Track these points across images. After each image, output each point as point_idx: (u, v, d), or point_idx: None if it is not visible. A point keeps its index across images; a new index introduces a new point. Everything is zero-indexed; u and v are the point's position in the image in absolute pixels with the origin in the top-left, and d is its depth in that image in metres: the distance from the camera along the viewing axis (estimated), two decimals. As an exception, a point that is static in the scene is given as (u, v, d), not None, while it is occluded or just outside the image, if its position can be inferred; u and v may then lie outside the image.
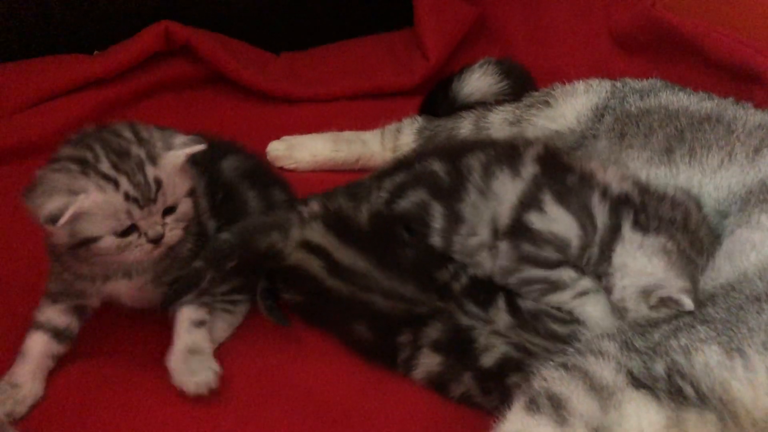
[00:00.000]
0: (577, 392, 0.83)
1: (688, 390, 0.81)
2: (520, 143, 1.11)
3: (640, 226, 0.98)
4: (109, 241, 0.91)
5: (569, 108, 1.33)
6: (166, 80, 1.69)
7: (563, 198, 1.00)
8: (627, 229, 0.98)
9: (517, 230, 1.01)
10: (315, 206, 1.13)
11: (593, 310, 0.98)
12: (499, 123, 1.38)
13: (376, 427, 0.99)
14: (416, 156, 1.20)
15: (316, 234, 1.08)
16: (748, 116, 1.17)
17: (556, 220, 1.00)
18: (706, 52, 1.48)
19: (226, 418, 0.99)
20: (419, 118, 1.52)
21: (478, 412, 0.98)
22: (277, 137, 1.58)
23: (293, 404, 1.02)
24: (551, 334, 0.97)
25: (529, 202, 1.01)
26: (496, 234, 1.03)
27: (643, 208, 1.00)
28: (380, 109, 1.68)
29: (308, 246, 1.07)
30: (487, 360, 0.97)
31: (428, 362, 1.00)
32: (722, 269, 0.95)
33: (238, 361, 1.07)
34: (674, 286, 0.92)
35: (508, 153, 1.08)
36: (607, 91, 1.34)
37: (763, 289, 0.87)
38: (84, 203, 0.87)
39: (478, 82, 1.45)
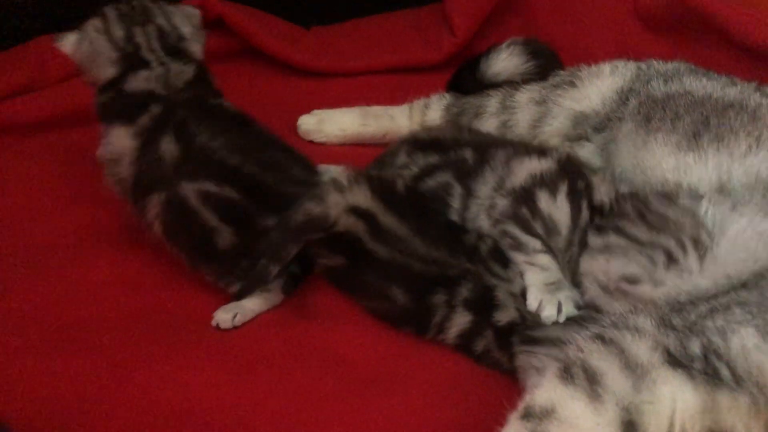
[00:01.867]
0: (613, 369, 0.81)
1: (724, 371, 0.79)
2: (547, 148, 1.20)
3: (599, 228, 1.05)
4: None
5: (594, 89, 1.32)
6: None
7: (572, 197, 1.06)
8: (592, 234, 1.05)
9: (525, 197, 1.08)
10: (353, 172, 1.13)
11: (533, 281, 1.04)
12: (525, 102, 1.37)
13: (402, 387, 1.00)
14: (453, 141, 1.24)
15: (362, 198, 1.09)
16: (764, 100, 1.16)
17: (560, 210, 1.06)
18: (730, 31, 1.47)
19: (261, 382, 1.00)
20: (447, 95, 1.51)
21: (498, 374, 1.01)
22: (308, 111, 1.58)
23: (323, 368, 1.03)
24: None
25: (548, 183, 1.08)
26: (497, 189, 1.12)
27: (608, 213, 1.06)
28: (408, 84, 1.67)
29: (356, 211, 1.08)
30: (502, 317, 1.01)
31: (461, 321, 1.03)
32: (753, 256, 0.94)
33: (271, 330, 1.08)
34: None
35: (535, 147, 1.17)
36: (632, 74, 1.32)
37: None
38: None
39: (506, 62, 1.44)
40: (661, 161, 1.12)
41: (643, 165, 1.14)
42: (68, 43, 1.18)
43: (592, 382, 0.81)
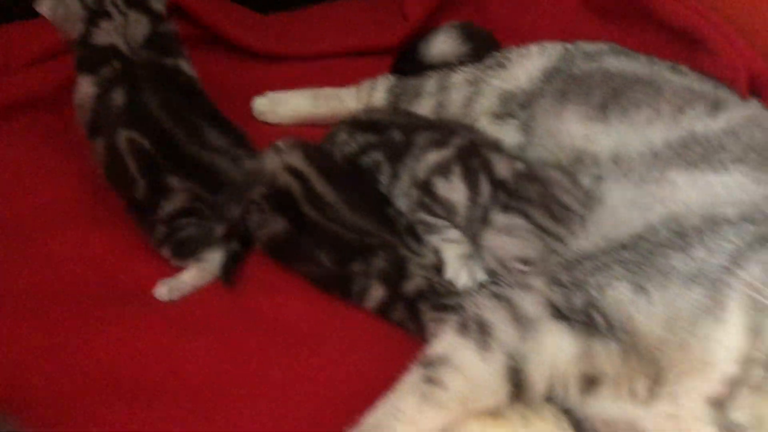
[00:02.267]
0: (503, 321, 0.90)
1: (600, 321, 0.88)
2: (457, 129, 1.29)
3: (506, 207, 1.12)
4: None
5: (522, 69, 1.39)
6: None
7: (468, 177, 1.16)
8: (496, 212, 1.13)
9: (425, 188, 1.18)
10: (291, 141, 1.23)
11: (449, 255, 1.13)
12: (459, 82, 1.44)
13: (330, 347, 1.09)
14: (388, 123, 1.33)
15: (297, 160, 1.18)
16: (679, 79, 1.24)
17: (457, 192, 1.15)
18: (658, 15, 1.53)
19: (201, 346, 1.08)
20: (391, 77, 1.58)
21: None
22: (263, 93, 1.66)
23: (259, 332, 1.11)
24: None
25: (442, 169, 1.17)
26: (412, 184, 1.21)
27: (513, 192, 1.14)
28: (362, 67, 1.72)
29: (293, 171, 1.17)
30: (410, 287, 1.09)
31: (376, 294, 1.11)
32: (634, 220, 1.02)
33: (213, 298, 1.16)
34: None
35: (445, 135, 1.25)
36: (558, 54, 1.40)
37: (665, 236, 0.95)
38: None
39: (443, 45, 1.51)
40: (571, 130, 1.20)
41: (555, 135, 1.22)
42: (45, 6, 1.28)
43: (483, 334, 0.90)
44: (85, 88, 1.25)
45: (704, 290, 0.85)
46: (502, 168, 1.17)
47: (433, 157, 1.21)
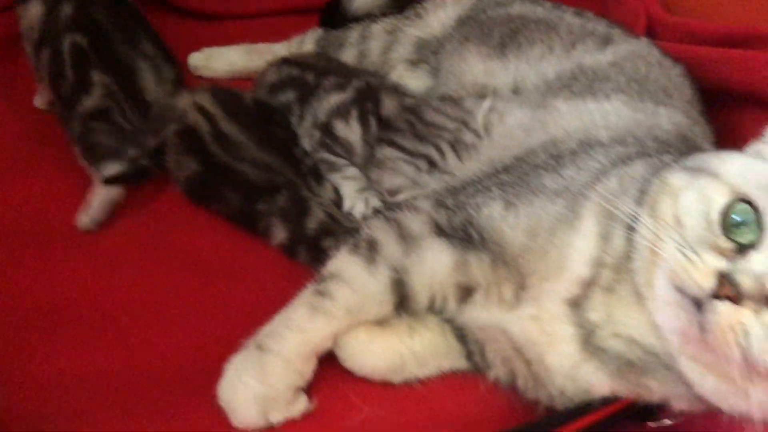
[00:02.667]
0: (389, 239, 0.97)
1: (475, 236, 0.95)
2: (360, 73, 1.36)
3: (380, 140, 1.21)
4: None
5: (436, 19, 1.46)
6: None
7: (362, 118, 1.24)
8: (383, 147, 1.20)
9: (326, 129, 1.25)
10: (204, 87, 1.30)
11: (346, 190, 1.21)
12: (378, 32, 1.50)
13: (248, 281, 1.15)
14: (308, 65, 1.40)
15: (206, 101, 1.24)
16: (576, 20, 1.30)
17: (353, 132, 1.23)
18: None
19: (124, 279, 1.15)
20: (319, 30, 1.63)
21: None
22: (199, 49, 1.71)
23: (179, 266, 1.17)
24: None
25: (342, 112, 1.25)
26: (314, 124, 1.28)
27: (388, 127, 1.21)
28: (294, 24, 1.77)
29: (200, 109, 1.22)
30: (311, 223, 1.15)
31: (279, 233, 1.16)
32: (520, 144, 1.09)
33: (135, 234, 1.23)
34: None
35: (347, 78, 1.31)
36: (472, 3, 1.46)
37: (542, 159, 1.02)
38: None
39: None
40: (473, 68, 1.27)
41: (459, 75, 1.29)
42: None
43: (371, 251, 0.97)
44: (34, 10, 1.33)
45: (565, 203, 0.92)
46: (389, 106, 1.24)
47: (334, 99, 1.28)
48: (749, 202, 0.78)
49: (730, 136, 1.18)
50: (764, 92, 1.16)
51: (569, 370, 0.90)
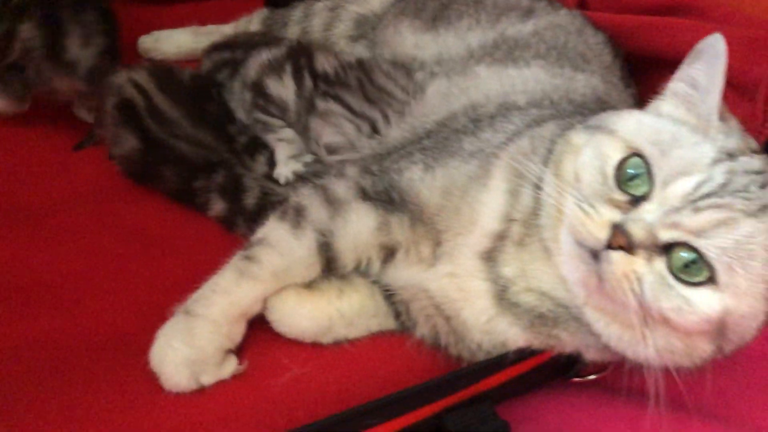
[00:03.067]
0: (315, 204, 1.00)
1: (396, 198, 0.99)
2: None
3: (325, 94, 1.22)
4: None
5: None
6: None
7: (296, 74, 1.24)
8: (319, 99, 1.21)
9: (257, 88, 1.26)
10: (142, 64, 1.32)
11: (280, 153, 1.22)
12: (320, 10, 1.53)
13: (188, 252, 1.18)
14: (239, 43, 1.43)
15: (142, 77, 1.26)
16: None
17: (287, 89, 1.24)
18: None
19: (69, 250, 1.18)
20: (265, 10, 1.66)
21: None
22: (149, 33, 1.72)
23: (122, 238, 1.21)
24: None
25: (275, 68, 1.26)
26: (243, 86, 1.29)
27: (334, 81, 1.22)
28: (243, 7, 1.81)
29: (135, 84, 1.24)
30: (249, 199, 1.17)
31: (217, 207, 1.19)
32: (441, 110, 1.12)
33: (80, 207, 1.25)
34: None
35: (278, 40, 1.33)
36: None
37: (463, 123, 1.06)
38: None
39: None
40: (405, 41, 1.30)
41: (393, 46, 1.33)
42: None
43: (298, 216, 1.00)
44: None
45: (479, 163, 0.95)
46: (324, 62, 1.25)
47: (265, 55, 1.28)
48: (642, 156, 0.81)
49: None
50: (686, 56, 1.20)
51: (485, 324, 0.94)
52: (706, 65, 0.84)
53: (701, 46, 0.85)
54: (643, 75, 1.27)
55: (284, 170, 1.19)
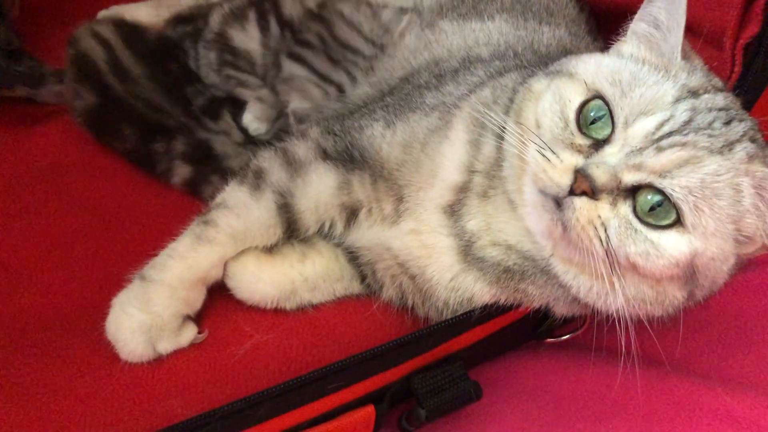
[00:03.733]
0: (275, 166, 0.97)
1: (357, 156, 0.96)
2: None
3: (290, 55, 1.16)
4: None
5: None
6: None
7: (261, 21, 1.19)
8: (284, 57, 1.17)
9: (221, 42, 1.20)
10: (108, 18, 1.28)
11: (250, 106, 1.18)
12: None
13: (146, 224, 1.15)
14: (191, 18, 1.38)
15: (106, 30, 1.21)
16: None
17: (252, 39, 1.18)
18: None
19: (22, 227, 1.14)
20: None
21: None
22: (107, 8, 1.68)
23: (80, 212, 1.17)
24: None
25: (238, 16, 1.19)
26: (206, 46, 1.24)
27: (297, 33, 1.17)
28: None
29: (97, 36, 1.19)
30: (233, 164, 1.13)
31: (181, 172, 1.15)
32: (406, 65, 1.10)
33: (36, 183, 1.21)
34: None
35: None
36: None
37: (425, 78, 1.03)
38: None
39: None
40: None
41: None
42: None
43: (257, 178, 0.97)
44: None
45: (440, 115, 0.93)
46: (290, 6, 1.20)
47: (227, 5, 1.23)
48: (603, 98, 0.79)
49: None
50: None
51: (450, 281, 0.91)
52: (667, 2, 0.81)
53: None
54: (611, 26, 1.24)
55: (256, 123, 1.15)
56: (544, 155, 0.78)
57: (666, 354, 0.98)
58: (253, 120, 1.15)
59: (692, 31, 1.09)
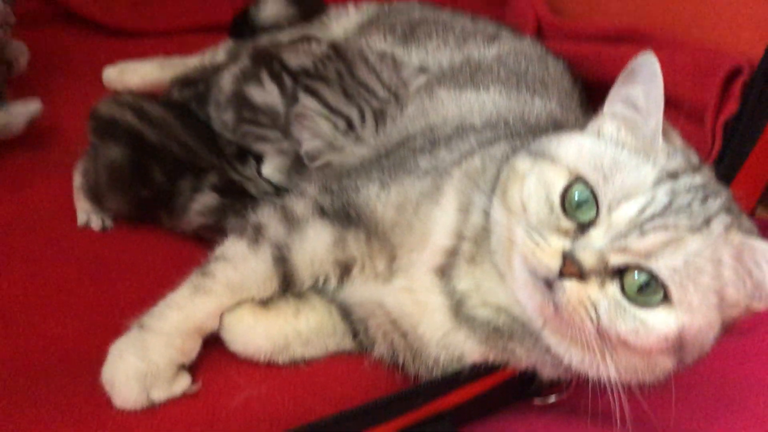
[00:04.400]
0: (273, 221, 1.01)
1: (353, 215, 1.00)
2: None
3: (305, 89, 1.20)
4: None
5: (339, 26, 1.54)
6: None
7: (275, 77, 1.23)
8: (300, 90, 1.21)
9: (239, 100, 1.25)
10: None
11: (274, 162, 1.22)
12: (286, 40, 1.56)
13: (139, 273, 1.19)
14: (197, 78, 1.44)
15: (126, 97, 1.27)
16: (470, 23, 1.39)
17: (270, 94, 1.22)
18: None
19: (17, 279, 1.15)
20: (230, 41, 1.68)
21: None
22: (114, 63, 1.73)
23: (76, 263, 1.20)
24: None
25: (250, 76, 1.24)
26: (218, 108, 1.29)
27: (314, 74, 1.21)
28: (214, 41, 1.84)
29: (119, 102, 1.24)
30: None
31: (206, 200, 1.17)
32: (402, 131, 1.15)
33: (31, 232, 1.24)
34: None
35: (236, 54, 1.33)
36: (373, 11, 1.54)
37: (420, 143, 1.07)
38: None
39: (271, 8, 1.62)
40: (378, 45, 1.34)
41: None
42: None
43: (256, 233, 1.00)
44: None
45: (433, 180, 0.97)
46: (294, 58, 1.24)
47: (233, 69, 1.29)
48: (586, 182, 0.83)
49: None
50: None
51: (441, 338, 0.94)
52: (644, 86, 0.84)
53: (634, 65, 0.85)
54: (600, 101, 1.30)
55: (275, 175, 1.20)
56: (532, 238, 0.81)
57: (658, 417, 1.00)
58: (273, 171, 1.20)
59: (674, 105, 1.15)
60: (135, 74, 1.70)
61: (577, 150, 0.86)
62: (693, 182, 0.82)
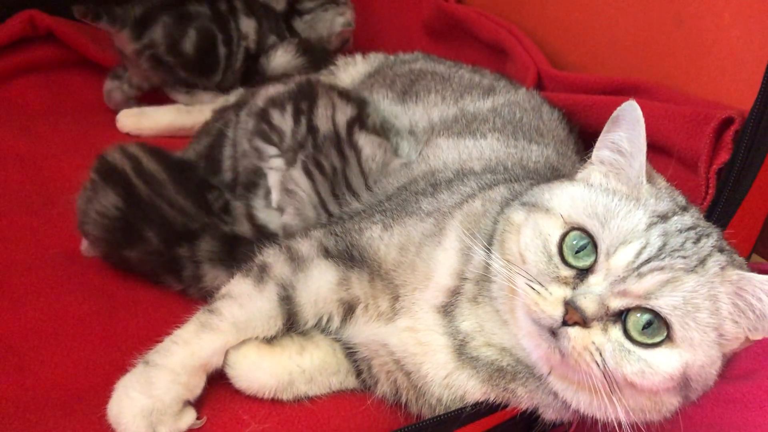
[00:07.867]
0: (279, 261, 1.02)
1: (356, 256, 1.00)
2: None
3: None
4: None
5: (347, 75, 1.57)
6: (33, 62, 1.81)
7: (296, 115, 1.29)
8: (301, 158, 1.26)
9: (262, 115, 1.31)
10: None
11: (273, 180, 1.26)
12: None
13: (148, 313, 1.20)
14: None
15: (133, 148, 1.28)
16: (469, 75, 1.41)
17: (285, 123, 1.28)
18: (476, 33, 1.72)
19: (30, 316, 1.16)
20: (241, 89, 1.72)
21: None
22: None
23: (86, 300, 1.20)
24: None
25: (279, 103, 1.31)
26: (248, 113, 1.34)
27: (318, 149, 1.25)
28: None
29: (124, 151, 1.26)
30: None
31: (212, 276, 1.16)
32: (402, 177, 1.16)
33: (44, 270, 1.25)
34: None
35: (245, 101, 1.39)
36: (380, 61, 1.57)
37: (422, 186, 1.09)
38: None
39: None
40: (381, 104, 1.36)
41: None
42: None
43: (261, 272, 1.01)
44: None
45: (434, 221, 0.98)
46: (322, 119, 1.27)
47: (272, 90, 1.35)
48: (585, 230, 0.84)
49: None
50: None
51: (444, 378, 0.93)
52: (628, 131, 0.86)
53: (619, 112, 0.88)
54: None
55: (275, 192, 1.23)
56: (534, 288, 0.82)
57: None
58: (276, 184, 1.24)
59: (666, 152, 1.18)
60: (151, 119, 1.75)
61: (570, 200, 0.87)
62: (683, 222, 0.83)
